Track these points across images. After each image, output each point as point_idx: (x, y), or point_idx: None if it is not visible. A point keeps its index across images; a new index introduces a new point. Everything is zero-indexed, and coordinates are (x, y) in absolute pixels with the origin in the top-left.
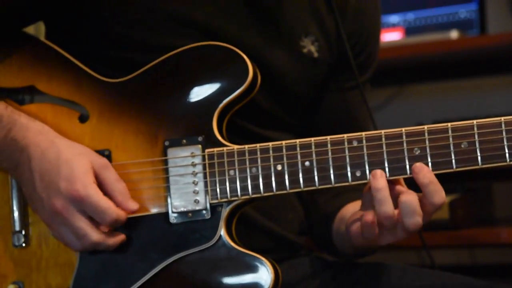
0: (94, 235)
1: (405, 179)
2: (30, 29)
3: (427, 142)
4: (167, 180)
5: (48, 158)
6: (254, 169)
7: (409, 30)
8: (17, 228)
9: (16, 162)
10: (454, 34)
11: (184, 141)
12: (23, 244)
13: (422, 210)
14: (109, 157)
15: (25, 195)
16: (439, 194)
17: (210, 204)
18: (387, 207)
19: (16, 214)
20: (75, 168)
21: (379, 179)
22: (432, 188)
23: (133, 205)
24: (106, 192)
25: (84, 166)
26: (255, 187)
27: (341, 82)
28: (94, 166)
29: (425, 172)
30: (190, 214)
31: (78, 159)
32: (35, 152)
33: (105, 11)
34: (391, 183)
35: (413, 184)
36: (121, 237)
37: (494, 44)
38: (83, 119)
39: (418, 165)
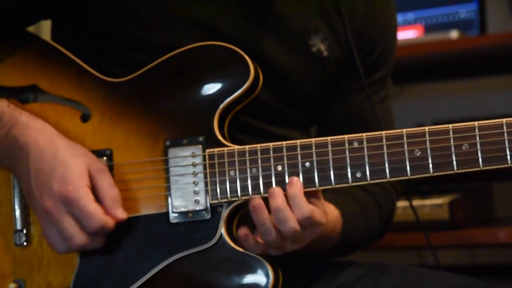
0: (80, 238)
1: (404, 180)
2: (31, 28)
3: (428, 143)
4: (167, 180)
5: (45, 158)
6: (254, 170)
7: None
8: (19, 227)
9: (16, 160)
10: (454, 34)
11: (185, 141)
12: (24, 243)
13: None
14: (110, 157)
15: (23, 192)
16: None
17: (210, 204)
18: (271, 236)
19: (17, 213)
20: (70, 169)
21: (276, 198)
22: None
23: (121, 213)
24: (98, 196)
25: (80, 168)
26: (255, 187)
27: (351, 83)
28: (90, 169)
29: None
30: (190, 214)
31: (74, 161)
32: (33, 151)
33: (110, 12)
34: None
35: (412, 185)
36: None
37: (494, 44)
38: (85, 118)
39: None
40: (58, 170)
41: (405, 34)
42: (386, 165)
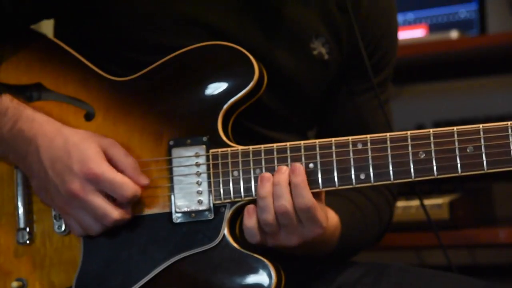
0: (115, 212)
1: (407, 182)
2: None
3: (432, 146)
4: (171, 180)
5: (57, 145)
6: (258, 170)
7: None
8: (22, 225)
9: (24, 154)
10: (454, 34)
11: (189, 141)
12: (27, 241)
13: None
14: None
15: (33, 187)
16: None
17: (214, 204)
18: (268, 215)
19: (20, 211)
20: (85, 150)
21: (282, 174)
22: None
23: (144, 179)
24: (117, 169)
25: (93, 147)
26: None
27: (353, 86)
28: (102, 145)
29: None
30: (193, 214)
31: (86, 142)
32: (43, 142)
33: (113, 12)
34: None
35: (412, 185)
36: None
37: (494, 44)
38: (89, 117)
39: (297, 166)
40: (73, 153)
41: (405, 34)
42: (390, 167)
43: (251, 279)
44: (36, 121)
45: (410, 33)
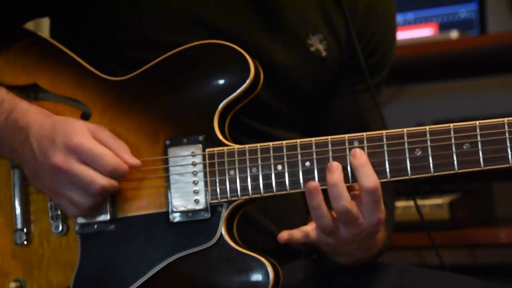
0: (102, 179)
1: (405, 181)
2: (30, 25)
3: (428, 143)
4: (167, 179)
5: (45, 127)
6: (254, 169)
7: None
8: (19, 226)
9: (17, 144)
10: (454, 34)
11: (185, 140)
12: (25, 242)
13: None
14: None
15: (27, 176)
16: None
17: (210, 204)
18: (324, 220)
19: (18, 211)
20: (70, 125)
21: (334, 172)
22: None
23: (133, 160)
24: None
25: (79, 124)
26: (255, 187)
27: (352, 85)
28: (89, 128)
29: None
30: (190, 214)
31: (73, 122)
32: (33, 127)
33: (110, 9)
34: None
35: (412, 185)
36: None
37: (494, 44)
38: (85, 117)
39: (358, 151)
40: (58, 129)
41: (410, 34)
42: (387, 165)
43: (249, 278)
44: (30, 112)
45: (418, 32)
